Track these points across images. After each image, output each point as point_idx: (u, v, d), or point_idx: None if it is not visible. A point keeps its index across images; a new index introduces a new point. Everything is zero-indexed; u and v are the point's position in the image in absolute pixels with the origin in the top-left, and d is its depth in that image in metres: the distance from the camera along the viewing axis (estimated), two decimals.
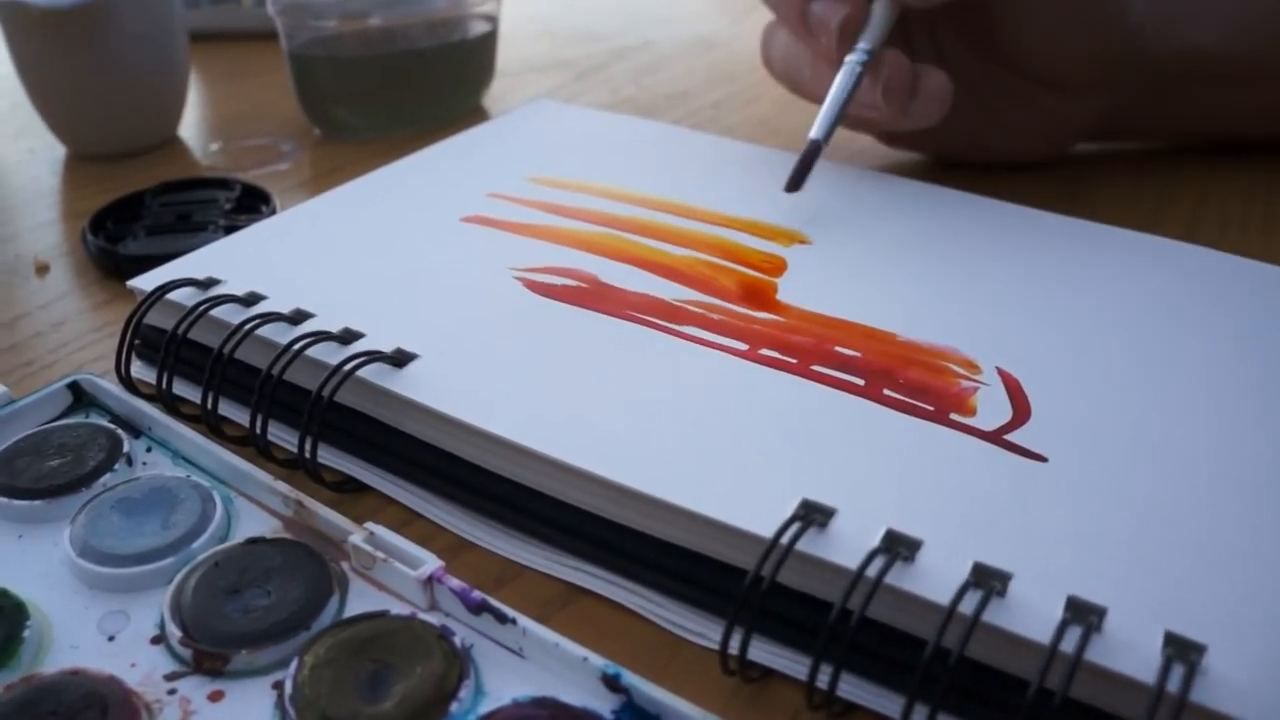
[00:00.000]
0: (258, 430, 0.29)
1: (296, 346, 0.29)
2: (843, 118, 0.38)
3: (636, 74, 0.64)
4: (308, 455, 0.28)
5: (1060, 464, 0.25)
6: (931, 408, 0.27)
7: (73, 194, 0.50)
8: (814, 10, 0.38)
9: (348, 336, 0.30)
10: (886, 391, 0.28)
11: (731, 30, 0.73)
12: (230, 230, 0.40)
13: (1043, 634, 0.21)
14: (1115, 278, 0.33)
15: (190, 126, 0.58)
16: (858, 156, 0.50)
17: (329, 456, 0.29)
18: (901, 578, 0.22)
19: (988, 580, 0.22)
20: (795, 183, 0.38)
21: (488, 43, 0.56)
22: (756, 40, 0.45)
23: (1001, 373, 0.28)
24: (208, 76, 0.67)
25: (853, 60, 0.38)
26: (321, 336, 0.29)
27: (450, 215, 0.37)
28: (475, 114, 0.57)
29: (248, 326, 0.30)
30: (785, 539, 0.22)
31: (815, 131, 0.38)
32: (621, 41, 0.71)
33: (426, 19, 0.53)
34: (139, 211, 0.44)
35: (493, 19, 0.56)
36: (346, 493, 0.29)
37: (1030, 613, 0.21)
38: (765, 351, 0.29)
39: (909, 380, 0.28)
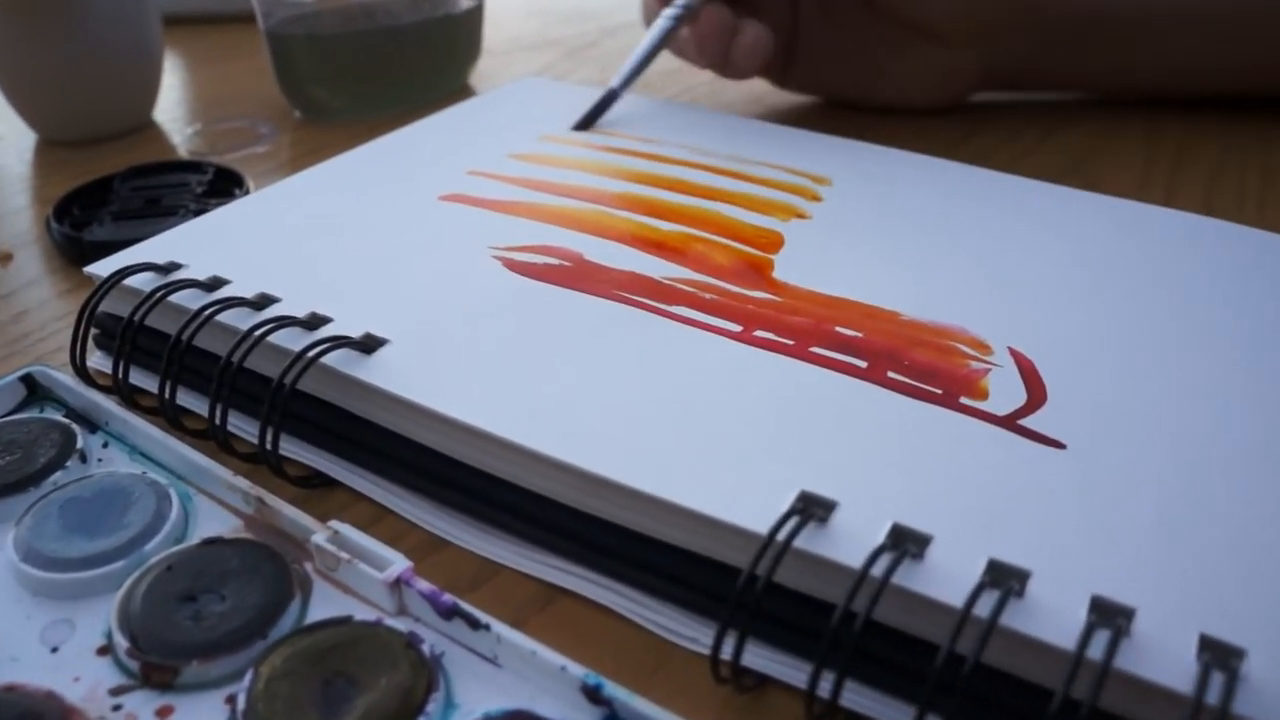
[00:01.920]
0: (217, 421, 0.27)
1: (258, 332, 0.27)
2: (644, 68, 0.43)
3: (628, 52, 0.62)
4: (269, 448, 0.26)
5: (1079, 451, 0.23)
6: (939, 391, 0.25)
7: (42, 180, 0.48)
8: None
9: (314, 321, 0.28)
10: (891, 374, 0.26)
11: None
12: (201, 215, 0.39)
13: (1067, 639, 0.19)
14: (1132, 252, 0.31)
15: (166, 110, 0.56)
16: (869, 127, 0.48)
17: (294, 449, 0.27)
18: (910, 577, 0.20)
19: (1004, 579, 0.20)
20: (585, 123, 0.41)
21: (473, 18, 0.54)
22: None
23: (1014, 353, 0.27)
24: (186, 60, 0.65)
25: (667, 14, 0.43)
26: (285, 321, 0.27)
27: (428, 194, 0.35)
28: (461, 93, 0.55)
29: (207, 312, 0.28)
30: (782, 535, 0.20)
31: (614, 80, 0.43)
32: (613, 19, 0.69)
33: None
34: (106, 197, 0.42)
35: None
36: (312, 488, 0.27)
37: (1052, 615, 0.19)
38: (760, 333, 0.27)
39: (915, 362, 0.26)
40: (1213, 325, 0.28)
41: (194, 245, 0.32)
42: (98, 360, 0.32)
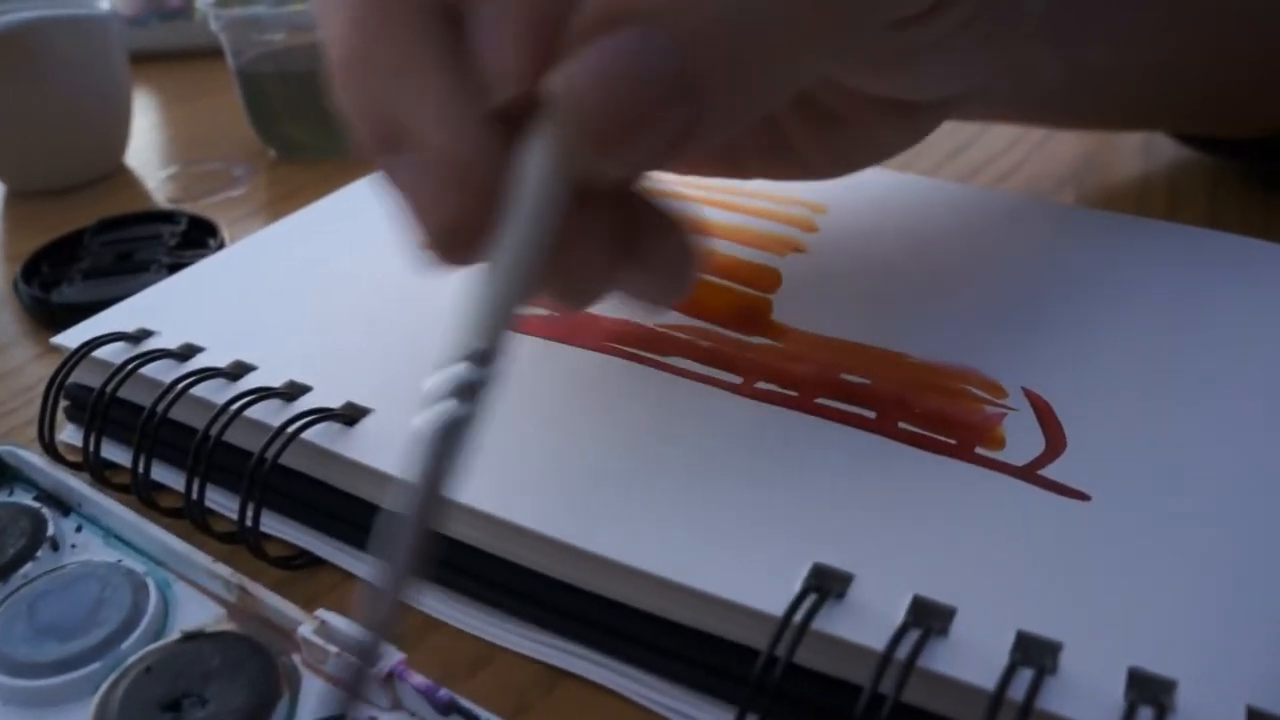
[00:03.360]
0: (193, 499, 0.25)
1: (234, 407, 0.25)
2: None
3: None
4: (249, 528, 0.25)
5: (1105, 502, 0.22)
6: (954, 441, 0.24)
7: (12, 235, 0.47)
8: (396, 175, 0.19)
9: (293, 391, 0.26)
10: (902, 425, 0.24)
11: None
12: (175, 269, 0.37)
13: (1108, 719, 0.17)
14: (1145, 273, 0.30)
15: (138, 154, 0.54)
16: None
17: (277, 526, 0.26)
18: (936, 658, 0.19)
19: (1037, 655, 0.18)
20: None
21: None
22: None
23: (1029, 394, 0.25)
24: (158, 99, 0.64)
25: (437, 416, 0.17)
26: (263, 394, 0.26)
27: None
28: None
29: (180, 386, 0.27)
30: (799, 616, 0.19)
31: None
32: None
33: None
34: (77, 253, 0.41)
35: None
36: (297, 569, 0.26)
37: (1090, 692, 0.18)
38: (762, 384, 0.26)
39: (926, 409, 0.25)
40: (1244, 353, 0.26)
41: (165, 309, 0.31)
42: (70, 434, 0.31)
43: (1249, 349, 0.27)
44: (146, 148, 0.56)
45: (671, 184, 0.37)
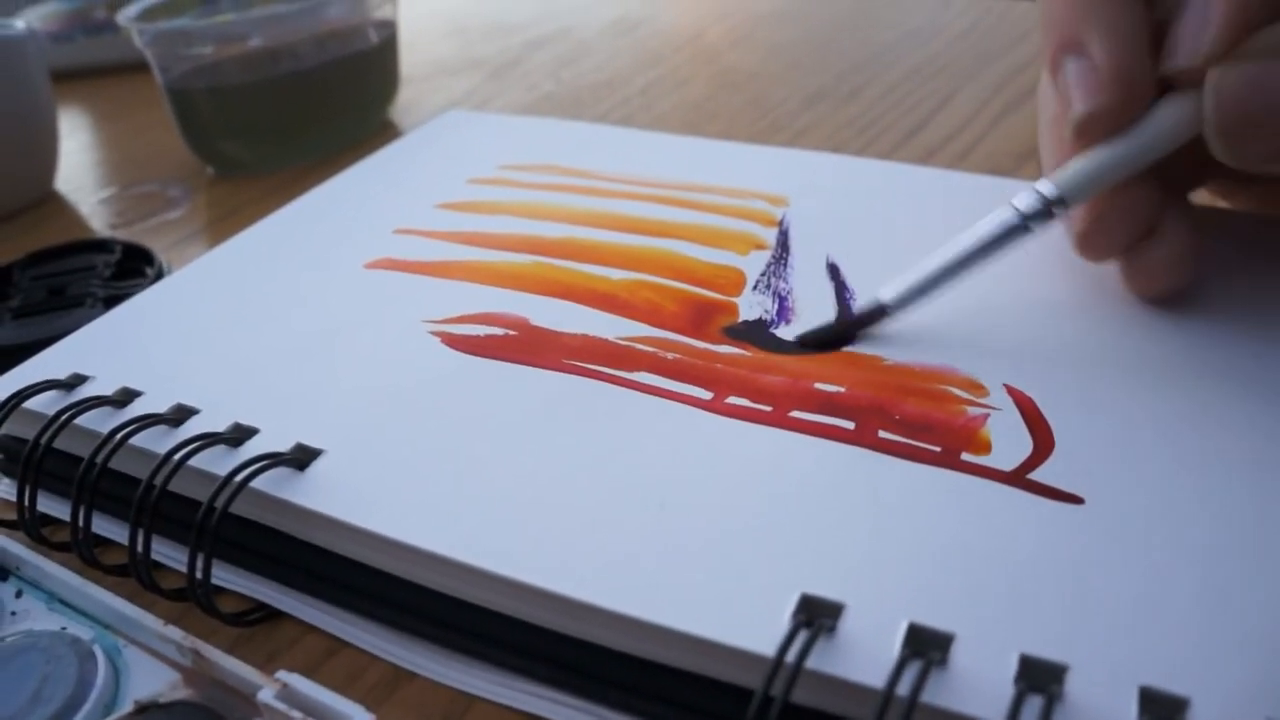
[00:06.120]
0: (139, 555, 0.24)
1: (177, 457, 0.24)
2: (945, 283, 0.26)
3: (555, 66, 0.59)
4: (198, 586, 0.23)
5: (1100, 505, 0.21)
6: (938, 448, 0.23)
7: None
8: (1066, 70, 0.25)
9: (239, 435, 0.25)
10: (882, 433, 0.23)
11: (652, 6, 0.68)
12: (111, 301, 0.36)
13: None
14: None
15: (69, 179, 0.52)
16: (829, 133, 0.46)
17: (231, 578, 0.25)
18: (939, 692, 0.17)
19: (1043, 680, 0.17)
20: (827, 338, 0.27)
21: (386, 52, 0.51)
22: (680, 15, 0.41)
23: (1011, 391, 0.24)
24: (92, 118, 0.61)
25: (1018, 207, 0.26)
26: (207, 440, 0.24)
27: (353, 262, 0.32)
28: (384, 131, 0.52)
29: (118, 436, 0.25)
30: (790, 655, 0.18)
31: (887, 291, 0.26)
32: (536, 32, 0.66)
33: (314, 33, 0.48)
34: (6, 291, 0.38)
35: (390, 25, 0.51)
36: (255, 624, 0.24)
37: (1100, 716, 0.17)
38: (733, 399, 0.25)
39: (906, 415, 0.24)
40: (1240, 327, 0.25)
41: (100, 350, 0.29)
42: (4, 489, 0.29)
43: (1245, 323, 0.26)
44: (78, 171, 0.53)
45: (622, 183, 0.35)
